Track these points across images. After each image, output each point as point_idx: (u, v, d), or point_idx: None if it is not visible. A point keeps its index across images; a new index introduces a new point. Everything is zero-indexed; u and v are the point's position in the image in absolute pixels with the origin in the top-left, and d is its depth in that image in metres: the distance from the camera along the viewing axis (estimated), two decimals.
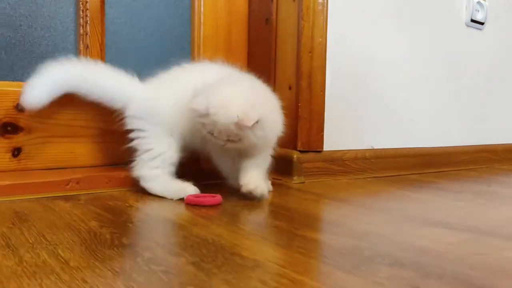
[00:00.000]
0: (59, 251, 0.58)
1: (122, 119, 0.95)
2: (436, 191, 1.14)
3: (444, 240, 0.69)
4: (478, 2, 1.60)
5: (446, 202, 1.01)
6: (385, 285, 0.49)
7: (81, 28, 1.04)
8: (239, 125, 0.81)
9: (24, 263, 0.53)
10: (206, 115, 0.82)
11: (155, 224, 0.72)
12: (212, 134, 0.85)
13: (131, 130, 0.94)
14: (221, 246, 0.61)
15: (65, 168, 1.02)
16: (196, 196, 0.88)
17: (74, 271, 0.51)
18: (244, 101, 0.83)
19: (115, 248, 0.59)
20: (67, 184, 0.93)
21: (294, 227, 0.73)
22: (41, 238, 0.63)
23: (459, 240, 0.69)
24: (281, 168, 1.16)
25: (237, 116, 0.81)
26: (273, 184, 1.03)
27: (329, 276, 0.53)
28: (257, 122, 0.83)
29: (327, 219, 0.85)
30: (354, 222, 0.79)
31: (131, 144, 0.94)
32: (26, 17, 0.99)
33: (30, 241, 0.61)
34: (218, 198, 0.86)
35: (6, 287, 0.45)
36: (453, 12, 1.56)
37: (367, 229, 0.75)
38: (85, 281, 0.48)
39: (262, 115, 0.84)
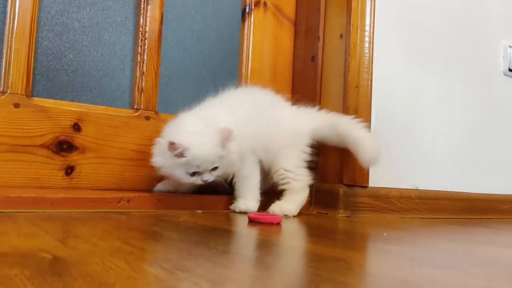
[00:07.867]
0: (130, 240, 0.56)
1: None
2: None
3: None
4: None
5: None
6: None
7: (138, 55, 1.08)
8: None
9: (100, 247, 0.51)
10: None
11: (215, 231, 0.70)
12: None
13: None
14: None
15: (115, 190, 1.01)
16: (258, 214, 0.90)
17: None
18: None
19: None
20: (119, 202, 0.93)
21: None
22: (107, 234, 0.62)
23: None
24: (326, 202, 1.14)
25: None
26: (318, 217, 1.00)
27: None
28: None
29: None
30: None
31: None
32: (89, 43, 1.04)
33: (98, 235, 0.60)
34: (278, 217, 0.85)
35: (86, 260, 0.44)
36: (491, 61, 1.58)
37: None
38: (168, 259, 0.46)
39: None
